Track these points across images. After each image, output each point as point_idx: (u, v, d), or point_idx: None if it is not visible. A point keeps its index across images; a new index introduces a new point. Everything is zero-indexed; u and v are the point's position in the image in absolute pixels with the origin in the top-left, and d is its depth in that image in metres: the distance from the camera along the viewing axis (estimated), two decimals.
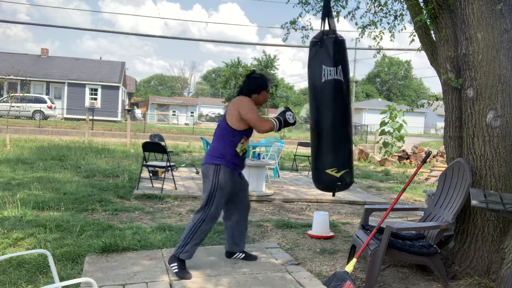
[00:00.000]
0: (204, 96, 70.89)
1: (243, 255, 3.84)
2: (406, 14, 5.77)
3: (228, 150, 3.46)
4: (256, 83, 3.55)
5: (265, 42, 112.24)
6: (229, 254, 3.86)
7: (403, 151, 14.70)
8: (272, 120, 3.47)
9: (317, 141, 3.82)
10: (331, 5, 4.05)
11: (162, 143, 8.21)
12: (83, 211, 5.44)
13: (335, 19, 6.08)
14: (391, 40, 6.19)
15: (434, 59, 4.18)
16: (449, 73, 3.87)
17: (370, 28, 6.06)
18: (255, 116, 3.39)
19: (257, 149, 9.06)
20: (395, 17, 5.87)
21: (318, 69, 3.74)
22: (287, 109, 3.59)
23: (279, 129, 3.50)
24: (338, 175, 3.71)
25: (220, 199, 3.45)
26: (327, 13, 3.86)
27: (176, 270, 3.37)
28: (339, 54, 3.72)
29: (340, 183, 3.75)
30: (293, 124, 3.57)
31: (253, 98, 3.54)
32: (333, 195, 4.03)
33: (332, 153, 3.76)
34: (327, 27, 3.84)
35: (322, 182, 3.82)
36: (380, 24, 5.97)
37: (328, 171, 3.72)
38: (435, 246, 3.54)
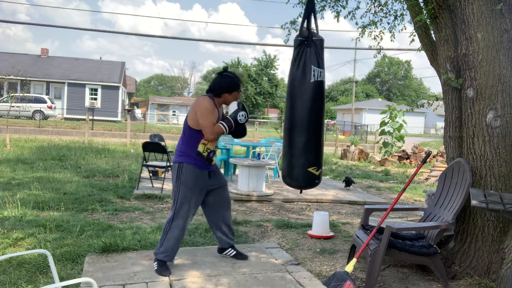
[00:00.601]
0: None
1: (234, 252, 3.86)
2: (406, 14, 5.77)
3: (191, 149, 3.46)
4: (228, 83, 3.49)
5: (265, 42, 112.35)
6: (221, 250, 3.91)
7: (403, 151, 14.70)
8: (220, 125, 3.41)
9: (299, 140, 3.87)
10: (315, 5, 4.03)
11: (162, 143, 8.21)
12: (83, 211, 5.44)
13: (336, 19, 6.09)
14: (391, 40, 6.20)
15: (434, 59, 4.18)
16: (449, 73, 3.87)
17: (370, 28, 6.06)
18: (206, 122, 3.36)
19: (257, 149, 9.06)
20: (395, 17, 5.88)
21: (306, 69, 3.76)
22: (240, 108, 3.49)
23: (230, 132, 3.47)
24: (317, 173, 3.82)
25: (186, 196, 3.44)
26: (312, 11, 3.85)
27: (156, 268, 3.45)
28: (323, 55, 3.79)
29: (317, 181, 3.89)
30: (245, 123, 3.53)
31: (222, 97, 3.50)
32: (301, 192, 4.16)
33: (314, 152, 3.86)
34: (310, 26, 3.85)
35: (301, 180, 3.90)
36: (380, 24, 5.97)
37: (310, 169, 3.81)
38: (435, 246, 3.54)
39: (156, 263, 3.47)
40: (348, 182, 8.21)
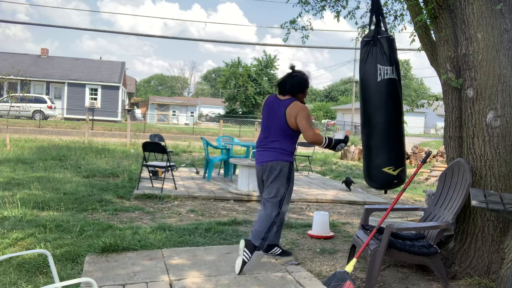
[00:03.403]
0: (204, 96, 70.94)
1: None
2: (406, 14, 5.77)
3: (292, 150, 3.72)
4: (302, 82, 3.68)
5: (264, 42, 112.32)
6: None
7: None
8: (324, 137, 3.66)
9: (372, 140, 3.93)
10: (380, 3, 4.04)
11: (162, 143, 8.21)
12: (83, 211, 5.44)
13: (336, 19, 6.09)
14: None
15: (434, 59, 4.18)
16: (449, 73, 3.87)
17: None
18: (308, 124, 3.57)
19: None
20: (395, 17, 5.87)
21: (373, 68, 3.79)
22: (344, 141, 3.74)
23: (326, 147, 3.67)
24: (395, 173, 3.81)
25: (291, 192, 3.76)
26: (377, 11, 3.89)
27: (280, 251, 3.90)
28: (393, 53, 3.80)
29: (396, 181, 3.89)
30: (333, 149, 3.77)
31: (298, 96, 3.69)
32: (385, 192, 4.22)
33: (388, 152, 3.89)
34: (378, 26, 3.89)
35: (378, 180, 3.95)
36: None
37: (385, 169, 3.81)
38: (435, 246, 3.54)
39: (277, 249, 3.87)
40: (348, 183, 8.20)
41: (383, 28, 3.88)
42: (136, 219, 5.25)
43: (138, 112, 41.73)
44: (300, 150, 11.45)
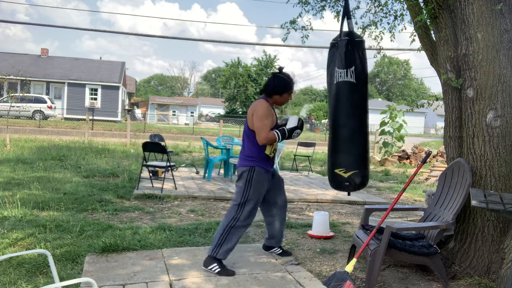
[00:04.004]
0: (204, 96, 70.93)
1: (280, 250, 4.00)
2: (406, 14, 5.77)
3: (260, 152, 3.53)
4: (280, 84, 3.53)
5: (264, 42, 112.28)
6: (267, 248, 4.04)
7: (403, 151, 14.70)
8: (275, 133, 3.46)
9: (330, 142, 3.97)
10: (349, 6, 4.06)
11: (162, 143, 8.21)
12: (83, 211, 5.44)
13: (336, 19, 6.09)
14: (391, 40, 6.20)
15: (434, 59, 4.18)
16: (449, 73, 3.87)
17: (370, 28, 6.06)
18: (261, 126, 3.40)
19: None
20: (395, 17, 5.88)
21: (332, 70, 3.81)
22: (299, 126, 3.56)
23: (282, 139, 3.53)
24: (345, 175, 3.76)
25: (253, 198, 3.51)
26: (345, 14, 3.90)
27: (218, 270, 3.44)
28: (352, 56, 3.75)
29: (348, 184, 3.81)
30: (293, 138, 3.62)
31: (274, 98, 3.55)
32: (348, 194, 4.19)
33: (340, 153, 3.85)
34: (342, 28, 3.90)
35: (332, 181, 3.95)
36: (380, 24, 5.97)
37: (337, 170, 3.79)
38: (435, 246, 3.54)
39: (216, 265, 3.46)
40: None
41: (347, 30, 3.87)
42: (136, 219, 5.25)
43: (138, 112, 41.73)
44: (300, 150, 11.46)
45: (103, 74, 32.41)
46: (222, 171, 9.27)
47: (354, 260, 3.42)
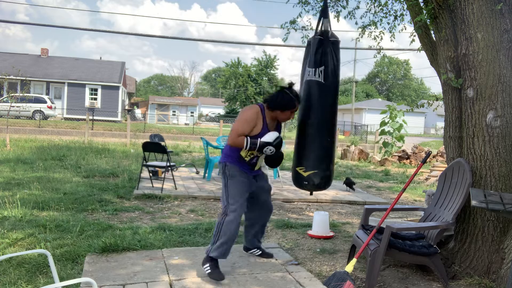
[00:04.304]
0: (204, 96, 70.94)
1: (260, 251, 3.96)
2: (406, 14, 5.77)
3: (234, 152, 3.51)
4: (284, 101, 3.43)
5: (264, 42, 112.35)
6: (246, 249, 4.02)
7: (403, 151, 14.70)
8: (245, 139, 3.34)
9: (296, 139, 3.96)
10: (328, 7, 4.05)
11: (162, 143, 8.21)
12: (83, 211, 5.44)
13: (336, 19, 6.09)
14: (391, 40, 6.20)
15: (434, 59, 4.18)
16: (449, 73, 3.87)
17: (370, 28, 6.06)
18: (236, 127, 3.37)
19: None
20: (395, 17, 5.87)
21: (303, 69, 3.81)
22: (272, 143, 3.35)
23: (250, 149, 3.38)
24: (305, 174, 3.74)
25: (235, 190, 3.45)
26: (322, 13, 3.89)
27: (209, 271, 3.37)
28: (322, 55, 3.70)
29: (306, 183, 3.78)
30: (272, 155, 3.43)
31: (275, 112, 3.47)
32: (311, 193, 4.12)
33: (303, 152, 3.84)
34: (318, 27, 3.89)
35: (293, 178, 3.95)
36: (380, 24, 5.97)
37: (297, 168, 3.77)
38: (435, 246, 3.54)
39: (208, 265, 3.41)
40: (350, 184, 8.17)
41: (323, 30, 3.85)
42: (136, 219, 5.25)
43: (138, 112, 41.72)
44: None
45: (103, 74, 32.41)
46: None
47: (354, 260, 3.42)
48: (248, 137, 3.37)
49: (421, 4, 4.22)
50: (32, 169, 8.49)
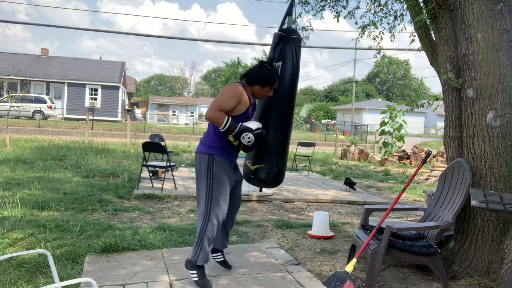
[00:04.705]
0: (204, 96, 70.89)
1: (222, 258, 3.59)
2: (406, 14, 5.78)
3: (221, 139, 3.18)
4: (265, 75, 3.23)
5: (264, 42, 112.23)
6: (212, 251, 3.56)
7: (403, 151, 14.70)
8: (227, 117, 3.06)
9: None
10: (294, 6, 4.00)
11: (162, 143, 8.22)
12: (83, 211, 5.44)
13: (336, 19, 6.09)
14: (391, 40, 6.20)
15: (434, 59, 4.18)
16: (449, 73, 3.87)
17: (370, 28, 6.06)
18: (218, 101, 3.06)
19: None
20: (395, 17, 5.88)
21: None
22: (253, 131, 3.12)
23: (226, 131, 3.09)
24: (252, 168, 3.65)
25: (220, 193, 3.18)
26: (288, 10, 3.89)
27: (196, 279, 3.21)
28: (282, 51, 3.67)
29: (253, 177, 3.66)
30: (248, 145, 3.15)
31: (253, 88, 3.24)
32: (260, 190, 3.97)
33: None
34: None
35: (244, 172, 3.77)
36: (380, 24, 5.97)
37: (247, 161, 3.70)
38: (435, 246, 3.55)
39: (195, 273, 3.20)
40: (350, 184, 8.17)
41: (286, 26, 3.83)
42: (136, 219, 5.25)
43: (138, 112, 41.70)
44: (300, 150, 11.46)
45: (103, 74, 32.40)
46: None
47: (354, 260, 3.42)
48: (229, 117, 3.09)
49: (421, 4, 4.22)
50: (32, 169, 8.49)
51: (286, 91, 3.65)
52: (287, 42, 3.69)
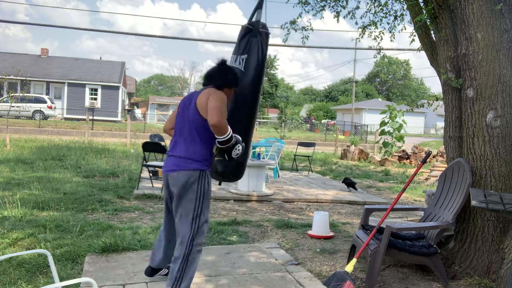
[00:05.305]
0: None
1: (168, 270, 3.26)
2: (406, 14, 5.77)
3: (208, 152, 2.95)
4: (233, 76, 3.10)
5: None
6: (153, 271, 3.29)
7: (403, 151, 14.70)
8: (229, 128, 2.86)
9: None
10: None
11: (162, 143, 8.21)
12: (83, 211, 5.44)
13: (336, 19, 6.08)
14: (391, 40, 6.20)
15: (434, 59, 4.18)
16: (449, 73, 3.87)
17: (370, 28, 6.06)
18: (219, 105, 2.80)
19: (257, 149, 9.06)
20: (395, 17, 5.88)
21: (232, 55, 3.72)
22: (240, 144, 2.97)
23: (224, 143, 2.84)
24: (214, 159, 3.58)
25: (207, 209, 2.94)
26: (258, 4, 3.83)
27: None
28: (247, 44, 3.61)
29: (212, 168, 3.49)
30: (233, 158, 2.95)
31: (224, 91, 3.03)
32: (219, 184, 3.84)
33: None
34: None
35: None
36: (380, 24, 5.97)
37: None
38: (435, 246, 3.55)
39: None
40: (351, 184, 8.16)
41: (254, 20, 3.78)
42: (136, 219, 5.25)
43: (138, 112, 41.70)
44: (300, 150, 11.46)
45: (103, 74, 32.39)
46: None
47: (354, 260, 3.42)
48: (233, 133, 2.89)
49: (421, 4, 4.22)
50: (32, 169, 8.48)
51: (250, 85, 3.55)
52: (254, 36, 3.63)
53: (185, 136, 2.94)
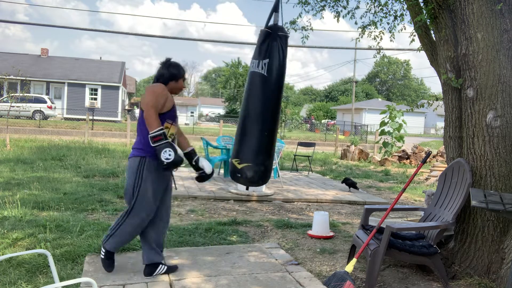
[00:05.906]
0: (204, 96, 70.96)
1: (166, 267, 3.42)
2: (406, 14, 5.77)
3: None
4: (175, 69, 3.30)
5: None
6: (152, 269, 3.38)
7: (403, 151, 14.70)
8: (159, 125, 3.07)
9: (236, 130, 3.83)
10: (280, 2, 3.96)
11: None
12: (83, 211, 5.44)
13: (336, 19, 6.09)
14: (391, 40, 6.20)
15: (434, 59, 4.18)
16: (449, 73, 3.87)
17: (370, 28, 6.06)
18: (149, 100, 3.08)
19: None
20: (395, 17, 5.88)
21: (252, 60, 3.74)
22: (174, 151, 3.07)
23: (154, 137, 3.04)
24: (239, 166, 3.62)
25: (146, 195, 3.21)
26: (275, 7, 3.84)
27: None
28: (268, 48, 3.63)
29: (239, 175, 3.65)
30: (162, 162, 3.03)
31: (170, 85, 3.29)
32: (247, 188, 3.95)
33: (240, 144, 3.71)
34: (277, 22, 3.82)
35: (230, 171, 3.78)
36: (380, 24, 5.97)
37: (233, 160, 3.68)
38: (435, 246, 3.54)
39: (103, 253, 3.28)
40: (352, 184, 8.15)
41: (273, 23, 3.79)
42: None
43: (138, 112, 41.70)
44: (300, 150, 11.46)
45: (103, 74, 32.39)
46: (222, 171, 9.27)
47: (354, 260, 3.42)
48: (163, 133, 3.09)
49: (421, 4, 4.22)
50: (32, 169, 8.48)
51: (273, 89, 3.60)
52: (274, 40, 3.65)
53: (137, 130, 3.31)
